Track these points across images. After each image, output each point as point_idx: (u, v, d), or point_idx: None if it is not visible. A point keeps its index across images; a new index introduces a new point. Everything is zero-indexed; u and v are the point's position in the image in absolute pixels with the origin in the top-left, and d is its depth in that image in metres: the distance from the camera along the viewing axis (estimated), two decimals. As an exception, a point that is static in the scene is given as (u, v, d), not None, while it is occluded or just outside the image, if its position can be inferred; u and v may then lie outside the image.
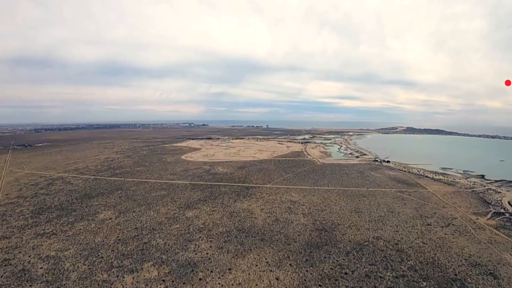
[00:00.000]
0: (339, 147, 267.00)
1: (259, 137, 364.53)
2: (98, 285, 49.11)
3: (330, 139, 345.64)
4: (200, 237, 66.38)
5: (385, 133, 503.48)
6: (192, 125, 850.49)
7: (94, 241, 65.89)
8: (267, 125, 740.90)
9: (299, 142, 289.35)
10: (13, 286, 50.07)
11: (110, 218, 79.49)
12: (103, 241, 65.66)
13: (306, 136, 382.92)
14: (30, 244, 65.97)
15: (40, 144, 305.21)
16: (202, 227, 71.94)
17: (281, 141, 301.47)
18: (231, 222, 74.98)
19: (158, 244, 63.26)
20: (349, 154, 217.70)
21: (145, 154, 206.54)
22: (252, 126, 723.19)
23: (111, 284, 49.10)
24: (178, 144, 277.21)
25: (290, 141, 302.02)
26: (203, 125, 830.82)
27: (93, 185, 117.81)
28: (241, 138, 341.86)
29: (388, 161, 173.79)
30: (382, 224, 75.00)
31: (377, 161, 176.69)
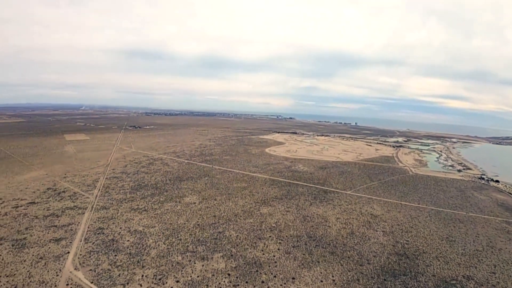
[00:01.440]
0: (438, 155, 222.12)
1: (346, 135, 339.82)
2: (172, 265, 52.73)
3: (428, 145, 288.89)
4: (270, 236, 65.81)
5: (497, 143, 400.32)
6: (280, 117, 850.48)
7: (177, 222, 71.39)
8: (356, 123, 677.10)
9: (391, 146, 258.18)
10: (101, 254, 57.20)
11: (194, 203, 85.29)
12: (184, 224, 70.65)
13: (400, 139, 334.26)
14: (124, 217, 74.89)
15: (147, 127, 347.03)
16: (274, 227, 71.21)
17: (370, 143, 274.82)
18: (303, 227, 72.15)
19: (230, 236, 65.10)
20: (450, 166, 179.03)
21: (233, 144, 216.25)
22: (339, 123, 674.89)
23: (183, 268, 52.20)
24: (264, 137, 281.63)
25: (380, 143, 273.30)
26: (290, 118, 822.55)
27: (185, 168, 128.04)
28: (327, 135, 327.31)
29: (497, 181, 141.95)
30: (477, 261, 60.94)
31: (483, 178, 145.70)
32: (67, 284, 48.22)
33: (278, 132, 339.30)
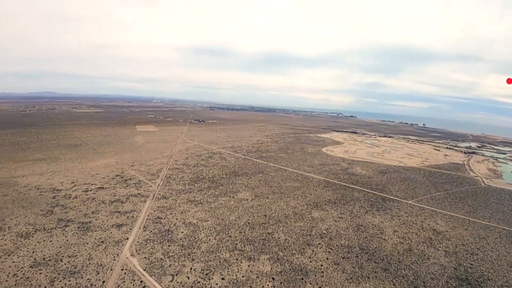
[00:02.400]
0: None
1: (411, 137, 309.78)
2: (219, 262, 53.27)
3: (505, 153, 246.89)
4: (319, 244, 62.59)
5: None
6: (340, 115, 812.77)
7: (228, 218, 72.26)
8: (423, 124, 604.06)
9: (462, 151, 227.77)
10: (156, 243, 60.02)
11: (247, 200, 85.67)
12: (235, 220, 71.14)
13: (473, 144, 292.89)
14: (181, 208, 78.03)
15: (210, 121, 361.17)
16: (325, 234, 67.52)
17: (438, 147, 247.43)
18: (356, 237, 67.12)
19: (279, 238, 63.53)
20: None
21: (290, 141, 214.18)
22: (405, 123, 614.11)
23: (229, 265, 52.39)
24: (322, 135, 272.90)
25: (449, 148, 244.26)
26: (351, 116, 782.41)
27: (241, 164, 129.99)
28: (390, 137, 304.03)
29: None
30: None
31: None
32: (122, 269, 51.50)
33: (337, 131, 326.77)
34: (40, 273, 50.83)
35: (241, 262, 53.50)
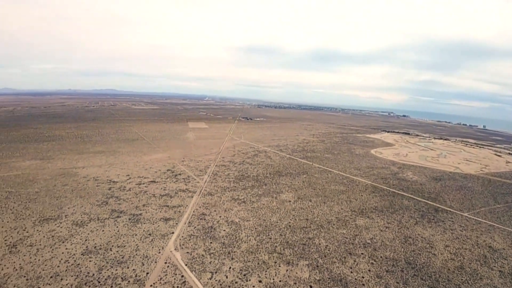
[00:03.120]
0: None
1: (470, 141, 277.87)
2: (258, 264, 52.79)
3: None
4: (362, 254, 58.74)
5: None
6: (392, 115, 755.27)
7: (270, 219, 71.45)
8: (484, 126, 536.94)
9: None
10: (199, 239, 61.25)
11: (289, 201, 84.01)
12: (276, 222, 70.09)
13: None
14: (225, 206, 79.04)
15: (258, 119, 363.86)
16: (369, 243, 62.97)
17: (499, 152, 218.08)
18: (402, 249, 61.62)
19: (320, 244, 61.10)
20: None
21: (336, 142, 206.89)
22: (463, 125, 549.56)
23: (268, 268, 51.66)
24: (371, 136, 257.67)
25: None
26: (403, 116, 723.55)
27: (286, 163, 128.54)
28: (446, 139, 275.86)
29: None
30: None
31: None
32: (165, 263, 53.36)
33: (388, 132, 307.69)
34: (90, 261, 54.56)
35: (280, 266, 52.54)
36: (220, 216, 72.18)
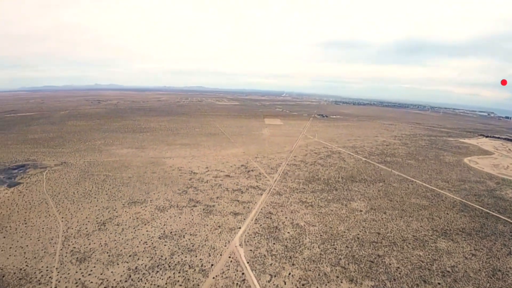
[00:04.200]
0: None
1: None
2: (319, 275, 49.80)
3: None
4: (439, 284, 49.46)
5: None
6: (492, 115, 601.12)
7: (337, 228, 67.06)
8: None
9: None
10: (263, 238, 60.67)
11: (361, 211, 77.21)
12: (344, 232, 65.36)
13: None
14: (292, 207, 77.23)
15: (334, 116, 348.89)
16: (448, 272, 52.81)
17: None
18: (488, 284, 49.88)
19: (390, 264, 54.01)
20: None
21: (422, 146, 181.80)
22: None
23: (328, 282, 48.20)
24: (466, 141, 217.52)
25: None
26: (506, 118, 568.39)
27: (361, 167, 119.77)
28: None
29: None
30: None
31: None
32: (229, 257, 54.31)
33: (486, 136, 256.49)
34: (164, 245, 58.58)
35: (341, 282, 48.58)
36: (286, 217, 70.79)
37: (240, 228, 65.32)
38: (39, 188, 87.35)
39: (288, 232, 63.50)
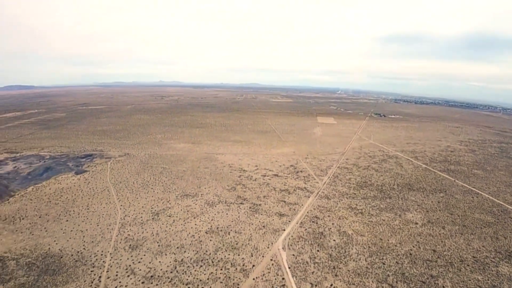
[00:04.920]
0: None
1: None
2: (364, 291, 46.65)
3: None
4: None
5: None
6: None
7: (388, 240, 61.93)
8: None
9: None
10: (307, 244, 58.60)
11: (416, 223, 70.17)
12: (395, 245, 60.02)
13: None
14: (340, 213, 73.51)
15: (392, 116, 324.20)
16: None
17: None
18: None
19: (444, 287, 48.70)
20: None
21: (491, 154, 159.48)
22: None
23: (375, 299, 44.97)
24: None
25: None
26: None
27: (420, 175, 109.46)
28: None
29: None
30: None
31: None
32: (271, 259, 53.52)
33: None
34: (210, 240, 59.83)
35: (389, 299, 44.94)
36: (332, 224, 67.64)
37: (284, 230, 64.14)
38: (103, 177, 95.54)
39: (334, 240, 60.55)
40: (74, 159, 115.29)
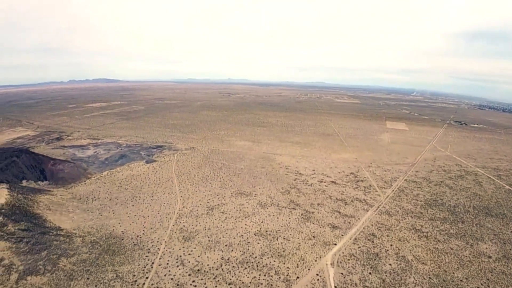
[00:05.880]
0: None
1: None
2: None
3: None
4: None
5: None
6: None
7: (453, 273, 52.81)
8: None
9: None
10: (359, 264, 54.00)
11: (489, 257, 58.82)
12: (460, 280, 51.43)
13: None
14: (401, 233, 66.18)
15: (475, 125, 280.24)
16: None
17: None
18: None
19: None
20: None
21: None
22: None
23: None
24: None
25: None
26: None
27: (502, 198, 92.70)
28: None
29: None
30: None
31: None
32: (317, 274, 50.62)
33: None
34: (258, 243, 59.15)
35: None
36: (391, 245, 61.27)
37: (335, 244, 60.34)
38: (169, 167, 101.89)
39: (390, 264, 54.70)
40: (147, 149, 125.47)
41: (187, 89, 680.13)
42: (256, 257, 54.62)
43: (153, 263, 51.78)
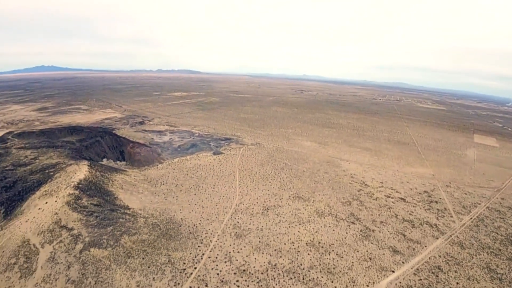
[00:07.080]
0: None
1: None
2: None
3: None
4: None
5: None
6: None
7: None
8: None
9: None
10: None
11: None
12: None
13: None
14: (472, 272, 56.13)
15: None
16: None
17: None
18: None
19: None
20: None
21: None
22: None
23: None
24: None
25: None
26: None
27: None
28: None
29: None
30: None
31: None
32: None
33: None
34: (308, 254, 56.61)
35: None
36: (457, 283, 52.61)
37: (393, 272, 54.41)
38: (233, 161, 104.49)
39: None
40: (216, 140, 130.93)
41: (261, 83, 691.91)
42: (304, 268, 52.44)
43: (203, 254, 53.50)
